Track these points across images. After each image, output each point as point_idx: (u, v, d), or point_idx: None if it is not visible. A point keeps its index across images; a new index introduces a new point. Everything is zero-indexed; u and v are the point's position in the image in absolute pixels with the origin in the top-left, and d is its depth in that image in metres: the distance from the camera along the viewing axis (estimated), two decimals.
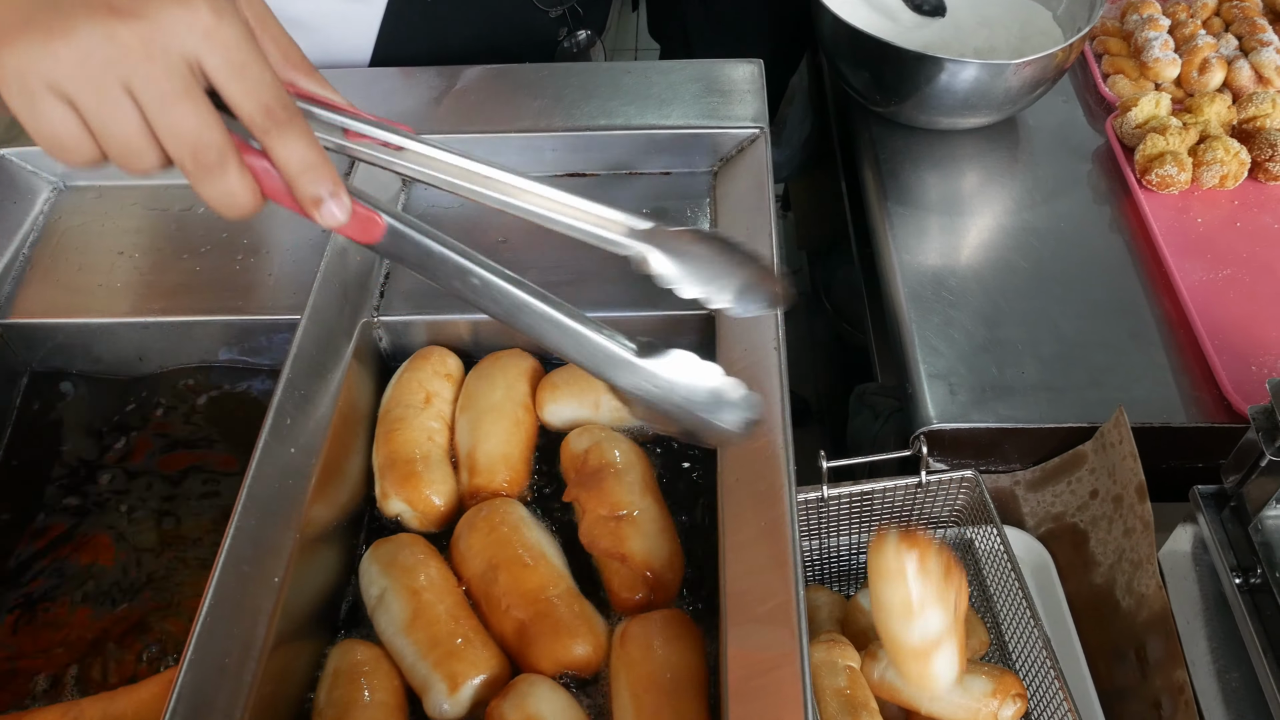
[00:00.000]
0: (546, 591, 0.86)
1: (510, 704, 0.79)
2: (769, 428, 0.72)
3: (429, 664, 0.83)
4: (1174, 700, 0.98)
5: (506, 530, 0.89)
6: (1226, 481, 0.94)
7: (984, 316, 1.31)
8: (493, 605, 0.87)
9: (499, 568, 0.86)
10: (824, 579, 1.20)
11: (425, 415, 0.97)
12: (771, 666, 0.58)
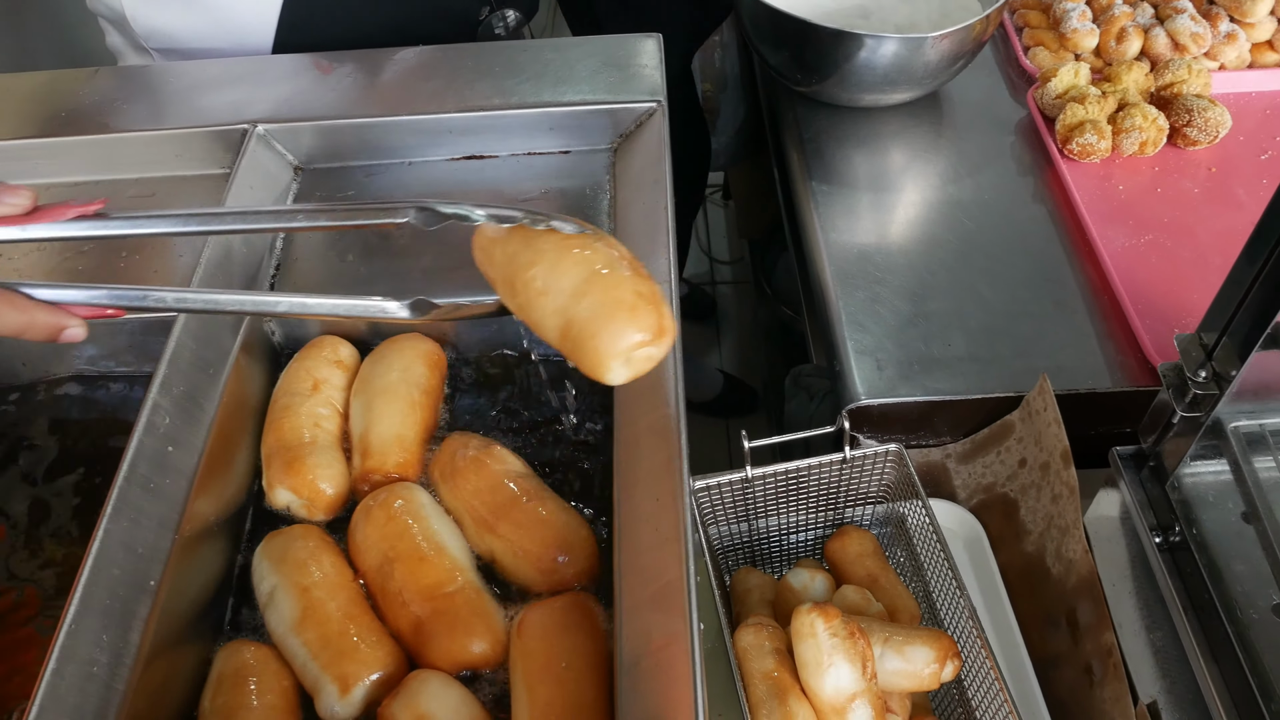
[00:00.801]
0: (444, 587, 0.83)
1: (401, 703, 0.77)
2: (663, 403, 0.70)
3: (319, 665, 0.81)
4: (1103, 663, 0.98)
5: (404, 519, 0.87)
6: (1144, 442, 0.94)
7: (910, 291, 1.31)
8: (389, 600, 0.84)
9: (395, 561, 0.84)
10: (755, 561, 1.18)
11: (312, 402, 0.94)
12: (662, 644, 0.56)
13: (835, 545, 1.10)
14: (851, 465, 1.08)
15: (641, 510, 0.63)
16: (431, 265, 0.89)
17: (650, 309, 0.57)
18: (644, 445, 0.67)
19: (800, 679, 0.92)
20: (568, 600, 0.82)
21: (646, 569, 0.61)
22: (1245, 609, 0.84)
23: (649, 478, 0.64)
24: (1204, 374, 0.81)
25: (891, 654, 0.96)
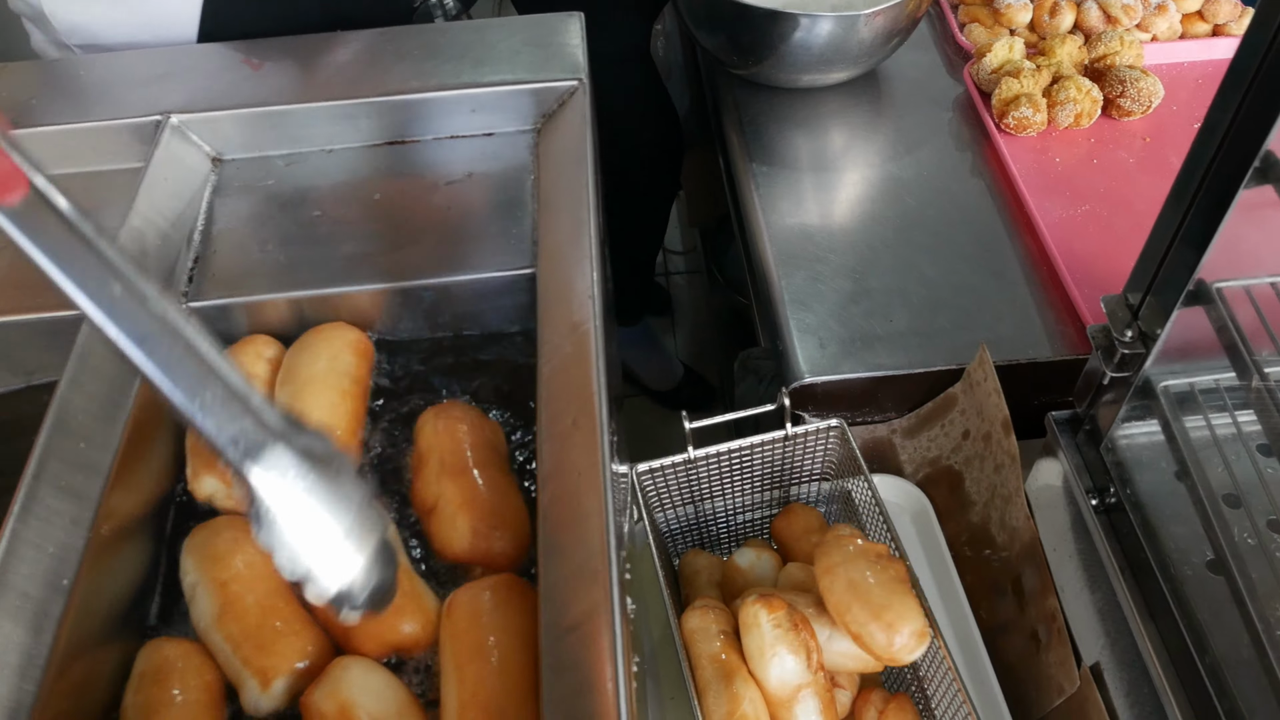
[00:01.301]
0: None
1: (323, 692, 0.76)
2: (587, 386, 0.69)
3: (240, 660, 0.79)
4: (1048, 628, 0.98)
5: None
6: (1078, 406, 0.95)
7: (852, 269, 1.31)
8: None
9: None
10: (705, 543, 1.18)
11: None
12: (584, 619, 0.56)
13: (781, 523, 1.10)
14: (794, 442, 1.07)
15: (566, 487, 0.62)
16: (354, 252, 0.87)
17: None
18: (569, 426, 0.66)
19: (749, 669, 0.92)
20: (498, 580, 0.81)
21: (568, 545, 0.60)
22: (1180, 566, 0.84)
23: (573, 456, 0.63)
24: (1130, 334, 0.82)
25: (839, 635, 0.96)
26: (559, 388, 0.67)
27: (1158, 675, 0.81)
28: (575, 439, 0.63)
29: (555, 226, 0.76)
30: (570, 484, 0.61)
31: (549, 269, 0.77)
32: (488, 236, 0.90)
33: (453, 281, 0.87)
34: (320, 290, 0.90)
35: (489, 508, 0.85)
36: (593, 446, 0.61)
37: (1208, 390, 0.88)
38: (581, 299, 0.72)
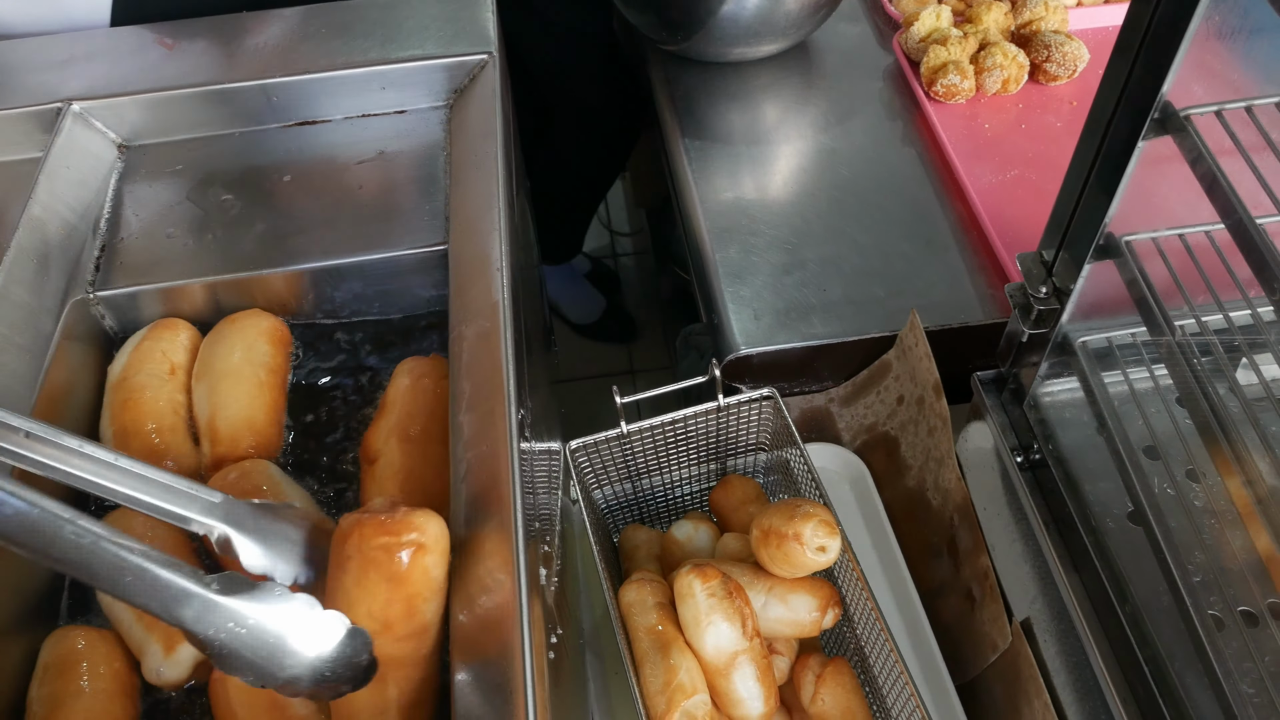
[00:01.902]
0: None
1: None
2: (489, 351, 0.68)
3: (144, 625, 0.78)
4: (981, 587, 0.99)
5: (254, 483, 0.83)
6: (1002, 365, 0.95)
7: (785, 241, 1.31)
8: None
9: None
10: (645, 518, 1.18)
11: (170, 386, 0.90)
12: (493, 585, 0.55)
13: (719, 494, 1.10)
14: (728, 414, 1.07)
15: (476, 464, 0.61)
16: (266, 235, 0.85)
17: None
18: (479, 401, 0.65)
19: (686, 639, 0.92)
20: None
21: (476, 519, 0.59)
22: (1102, 519, 0.85)
23: (483, 432, 0.62)
24: (1045, 290, 0.82)
25: (775, 602, 0.97)
26: (469, 364, 0.66)
27: (1082, 626, 0.83)
28: (485, 415, 0.62)
29: (466, 202, 0.75)
30: (480, 461, 0.60)
31: (460, 244, 0.76)
32: (401, 214, 0.89)
33: (367, 261, 0.86)
34: (233, 275, 0.88)
35: (421, 484, 0.84)
36: (500, 421, 0.61)
37: (1125, 345, 0.89)
38: (491, 275, 0.71)
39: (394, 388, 0.87)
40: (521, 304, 0.72)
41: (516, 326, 0.69)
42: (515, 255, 0.75)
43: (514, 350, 0.65)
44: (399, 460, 0.83)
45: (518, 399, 0.62)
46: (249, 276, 0.88)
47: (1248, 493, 0.76)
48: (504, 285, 0.70)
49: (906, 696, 0.88)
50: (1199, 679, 0.76)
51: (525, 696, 0.50)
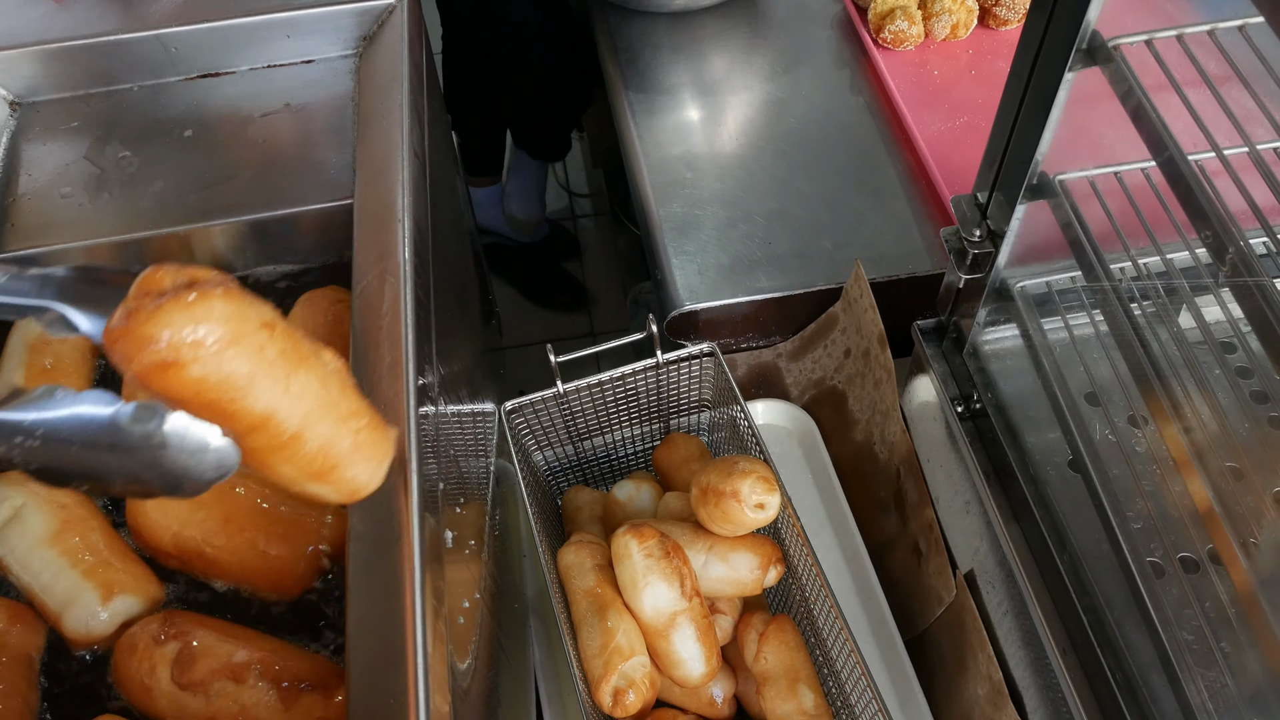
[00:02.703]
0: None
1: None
2: (386, 296, 0.65)
3: (80, 572, 0.74)
4: (927, 540, 0.98)
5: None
6: (941, 314, 0.93)
7: (731, 194, 1.28)
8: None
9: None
10: (591, 481, 1.15)
11: None
12: (386, 545, 0.53)
13: (662, 453, 1.08)
14: (668, 371, 1.05)
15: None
16: (166, 190, 0.82)
17: None
18: (378, 357, 0.62)
19: (624, 600, 0.90)
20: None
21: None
22: (1042, 467, 0.84)
23: (381, 391, 0.60)
24: (979, 233, 0.80)
25: (716, 561, 0.95)
26: (368, 321, 0.63)
27: (1020, 576, 0.81)
28: (383, 375, 0.60)
29: (372, 153, 0.72)
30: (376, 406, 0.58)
31: (364, 197, 0.73)
32: (308, 168, 0.85)
33: (271, 217, 0.82)
34: (131, 235, 0.84)
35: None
36: (398, 382, 0.58)
37: (1065, 291, 0.87)
38: (393, 228, 0.68)
39: (291, 318, 0.84)
40: (429, 257, 0.69)
41: (420, 280, 0.65)
42: (421, 207, 0.72)
43: (414, 304, 0.62)
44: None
45: (417, 356, 0.59)
46: (148, 236, 0.84)
47: (1187, 439, 0.74)
48: (405, 237, 0.66)
49: (848, 652, 0.87)
50: (1138, 627, 0.75)
51: (415, 664, 0.48)
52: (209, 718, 0.69)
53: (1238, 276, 0.69)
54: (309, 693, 0.69)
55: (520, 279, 2.49)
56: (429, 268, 0.69)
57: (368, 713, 0.48)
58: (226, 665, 0.71)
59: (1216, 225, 0.66)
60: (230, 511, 0.76)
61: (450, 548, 0.60)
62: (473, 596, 0.68)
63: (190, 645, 0.72)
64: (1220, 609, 0.74)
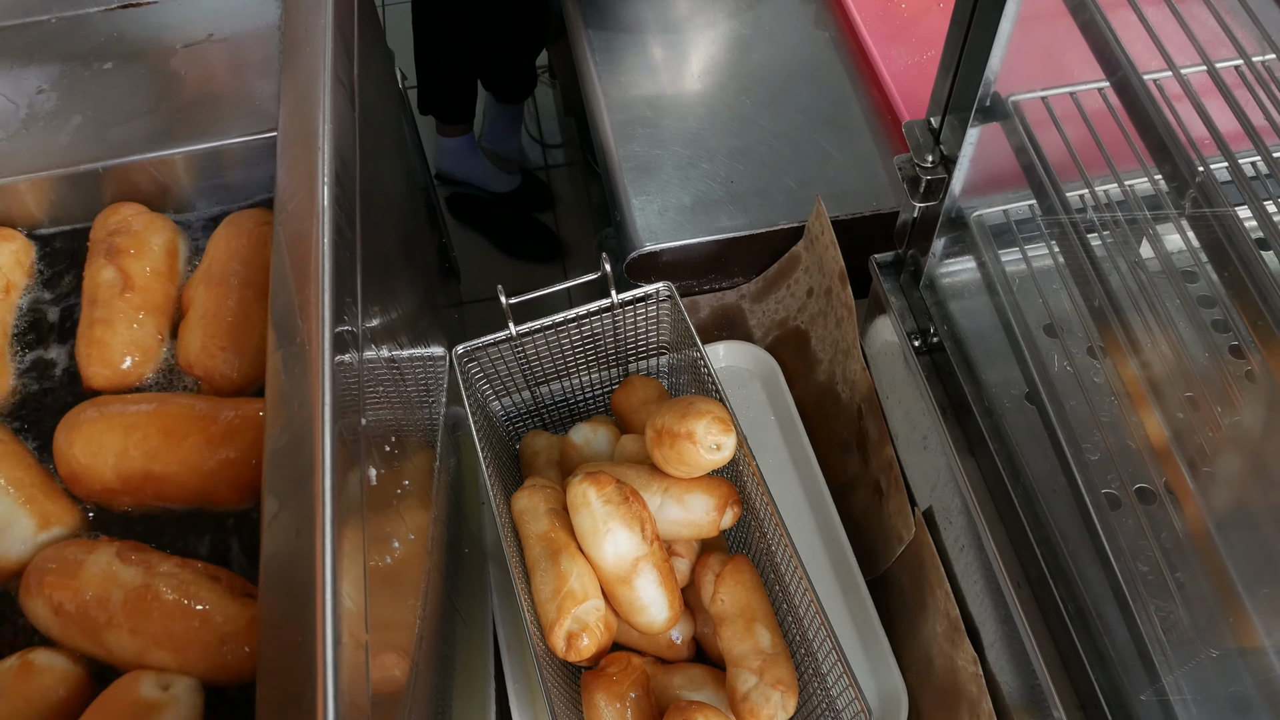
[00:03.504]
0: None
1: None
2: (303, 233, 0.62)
3: (21, 498, 0.74)
4: (887, 477, 0.97)
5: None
6: (898, 247, 0.91)
7: (692, 132, 1.25)
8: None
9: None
10: (547, 426, 1.14)
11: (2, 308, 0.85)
12: (299, 482, 0.51)
13: (620, 396, 1.06)
14: (624, 313, 1.02)
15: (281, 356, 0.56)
16: (85, 125, 0.78)
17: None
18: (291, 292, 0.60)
19: (582, 549, 0.89)
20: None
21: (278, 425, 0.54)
22: (999, 400, 0.82)
23: (298, 327, 0.57)
24: (932, 159, 0.78)
25: (672, 504, 0.93)
26: (289, 256, 0.60)
27: (975, 510, 0.80)
28: (299, 308, 0.57)
29: (295, 80, 0.69)
30: (289, 361, 0.55)
31: (286, 125, 0.70)
32: (233, 100, 0.81)
33: (195, 151, 0.79)
34: (50, 172, 0.81)
35: (228, 326, 0.79)
36: (313, 320, 0.55)
37: (1023, 221, 0.85)
38: (313, 157, 0.65)
39: (213, 238, 0.82)
40: (355, 190, 0.66)
41: (343, 214, 0.63)
42: (346, 136, 0.69)
43: (333, 236, 0.59)
44: (206, 304, 0.78)
45: (336, 291, 0.57)
46: (66, 173, 0.81)
47: (1146, 370, 0.73)
48: (324, 164, 0.63)
49: (804, 590, 0.85)
50: (1092, 559, 0.74)
51: (323, 598, 0.46)
52: (141, 586, 0.67)
53: (1199, 208, 0.67)
54: (252, 598, 0.68)
55: (494, 231, 2.46)
56: (355, 201, 0.66)
57: (275, 627, 0.47)
58: (175, 558, 0.70)
59: (1176, 155, 0.64)
60: (167, 424, 0.75)
61: (375, 485, 0.58)
62: (405, 537, 0.67)
63: (138, 545, 0.71)
64: (1176, 540, 0.73)
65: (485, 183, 2.44)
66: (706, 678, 0.93)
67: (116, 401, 0.79)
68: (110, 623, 0.68)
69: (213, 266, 0.81)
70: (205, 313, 0.80)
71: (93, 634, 0.69)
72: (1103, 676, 0.71)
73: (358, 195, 0.68)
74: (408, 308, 0.85)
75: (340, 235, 0.62)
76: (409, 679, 0.73)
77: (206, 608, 0.67)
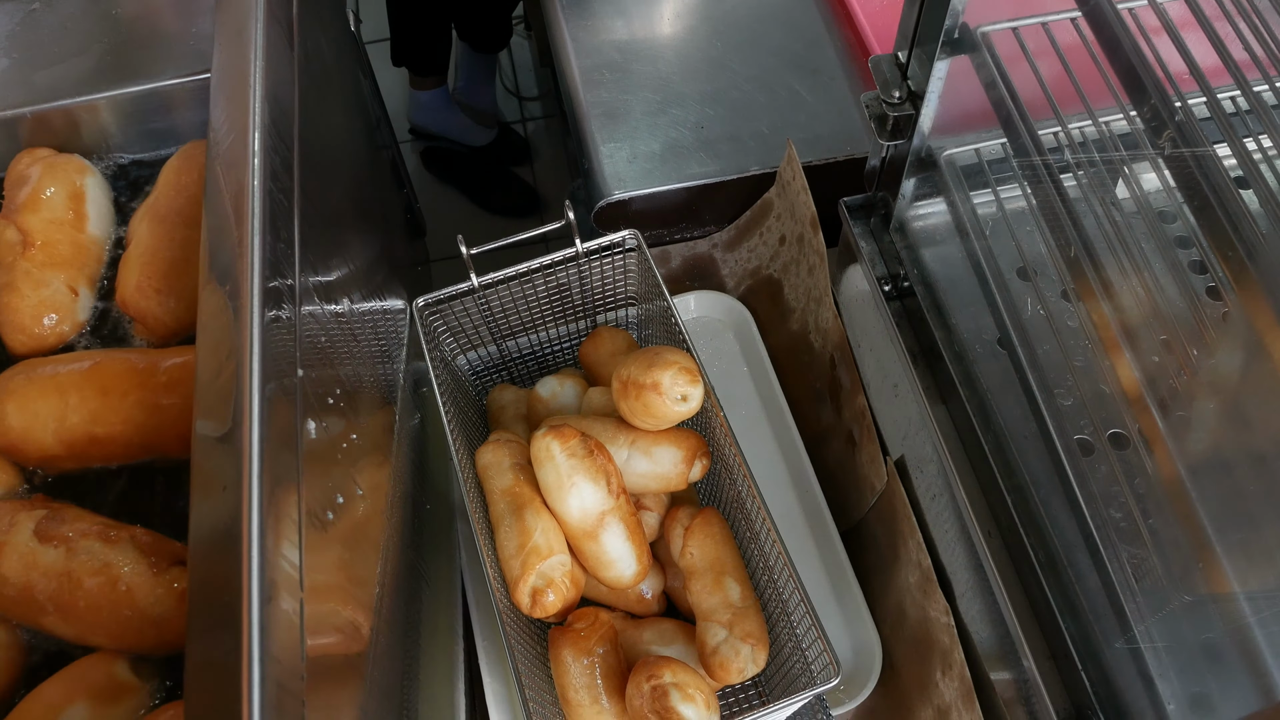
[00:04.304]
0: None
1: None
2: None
3: None
4: (860, 426, 0.95)
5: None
6: (868, 189, 0.88)
7: (661, 76, 1.22)
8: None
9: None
10: (515, 381, 1.11)
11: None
12: (227, 433, 0.49)
13: (588, 347, 1.04)
14: (591, 263, 1.00)
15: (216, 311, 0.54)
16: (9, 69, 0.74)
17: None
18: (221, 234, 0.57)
19: (548, 504, 0.87)
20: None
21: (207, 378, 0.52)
22: (970, 346, 0.80)
23: (228, 273, 0.55)
24: (899, 94, 0.75)
25: (639, 456, 0.91)
26: (217, 200, 0.57)
27: (945, 458, 0.78)
28: (232, 256, 0.54)
29: (229, 16, 0.65)
30: (217, 312, 0.53)
31: (219, 65, 0.66)
32: (167, 41, 0.78)
33: (127, 94, 0.75)
34: None
35: (166, 266, 0.76)
36: (243, 265, 0.52)
37: (996, 160, 0.82)
38: (245, 97, 0.62)
39: (165, 169, 0.79)
40: (293, 135, 0.63)
41: (278, 158, 0.59)
42: (282, 74, 0.65)
43: (264, 183, 0.56)
44: (146, 240, 0.75)
45: (267, 240, 0.54)
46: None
47: (1121, 313, 0.70)
48: (256, 104, 0.60)
49: (772, 542, 0.84)
50: (1063, 506, 0.72)
51: (249, 555, 0.44)
52: (63, 573, 0.65)
53: (1177, 148, 0.64)
54: (181, 567, 0.66)
55: (470, 185, 2.41)
56: (293, 146, 0.63)
57: (203, 589, 0.45)
58: (98, 529, 0.68)
59: (1153, 92, 0.61)
60: (105, 383, 0.72)
61: (314, 440, 0.56)
62: (355, 494, 0.65)
63: (61, 512, 0.68)
64: (1149, 485, 0.72)
65: (460, 136, 2.40)
66: (677, 632, 0.91)
67: (47, 364, 0.76)
68: (43, 609, 0.66)
69: (159, 201, 0.78)
70: (144, 250, 0.76)
71: (30, 617, 0.68)
72: (1073, 625, 0.70)
73: (296, 140, 0.64)
74: (360, 261, 0.82)
75: (276, 181, 0.59)
76: (370, 638, 0.71)
77: (132, 591, 0.65)
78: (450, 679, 0.92)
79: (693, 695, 0.79)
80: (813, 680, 0.80)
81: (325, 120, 0.77)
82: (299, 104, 0.67)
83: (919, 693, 0.87)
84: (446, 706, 0.90)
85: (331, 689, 0.56)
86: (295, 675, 0.45)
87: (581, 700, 0.84)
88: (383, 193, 1.10)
